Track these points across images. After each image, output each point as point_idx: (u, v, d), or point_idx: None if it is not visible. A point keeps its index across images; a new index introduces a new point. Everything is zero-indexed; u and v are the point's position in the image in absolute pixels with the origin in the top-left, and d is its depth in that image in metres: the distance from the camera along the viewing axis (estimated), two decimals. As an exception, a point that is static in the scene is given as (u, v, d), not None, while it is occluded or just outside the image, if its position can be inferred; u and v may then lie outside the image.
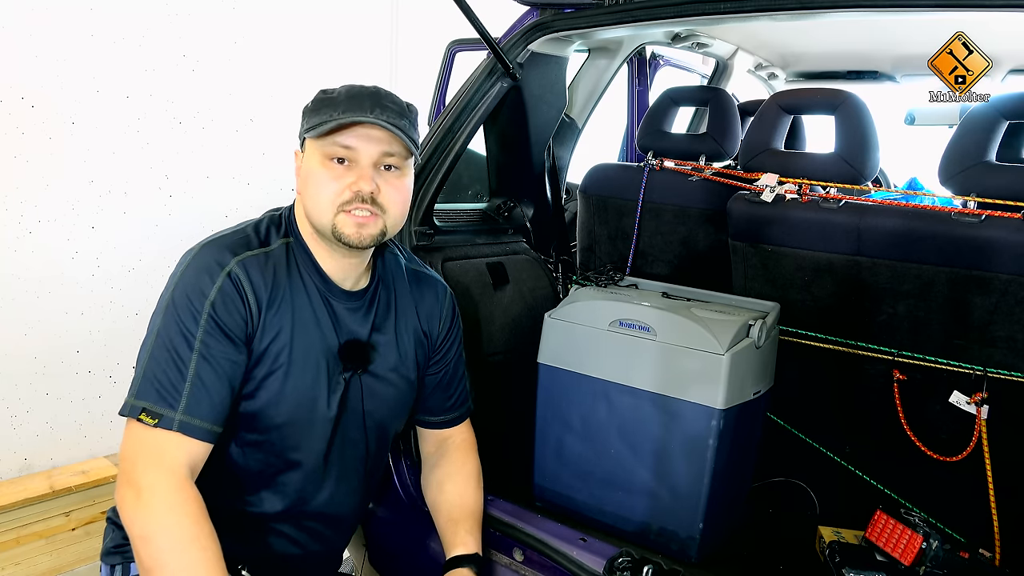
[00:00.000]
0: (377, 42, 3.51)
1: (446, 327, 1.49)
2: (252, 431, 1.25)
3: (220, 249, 1.21)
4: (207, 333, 1.15)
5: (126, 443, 1.14)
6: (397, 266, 1.43)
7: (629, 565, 1.32)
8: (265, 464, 1.28)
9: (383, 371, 1.37)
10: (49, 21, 2.42)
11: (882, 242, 1.67)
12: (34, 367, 2.52)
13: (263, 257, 1.23)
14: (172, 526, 1.08)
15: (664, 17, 1.75)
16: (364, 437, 1.37)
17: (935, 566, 1.50)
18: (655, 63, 3.13)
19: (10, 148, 2.39)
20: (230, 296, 1.17)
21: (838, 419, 1.87)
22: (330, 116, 1.19)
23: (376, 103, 1.20)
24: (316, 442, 1.30)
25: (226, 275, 1.18)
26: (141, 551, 1.08)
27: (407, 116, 1.24)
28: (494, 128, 2.22)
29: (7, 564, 2.36)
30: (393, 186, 1.24)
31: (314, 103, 1.24)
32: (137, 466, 1.12)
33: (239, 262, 1.19)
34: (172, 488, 1.10)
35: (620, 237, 2.24)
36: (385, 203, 1.23)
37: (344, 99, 1.20)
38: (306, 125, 1.24)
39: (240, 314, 1.18)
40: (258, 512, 1.30)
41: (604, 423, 1.66)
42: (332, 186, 1.21)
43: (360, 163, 1.21)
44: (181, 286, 1.17)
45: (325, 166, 1.21)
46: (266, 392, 1.22)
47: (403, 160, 1.25)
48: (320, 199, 1.21)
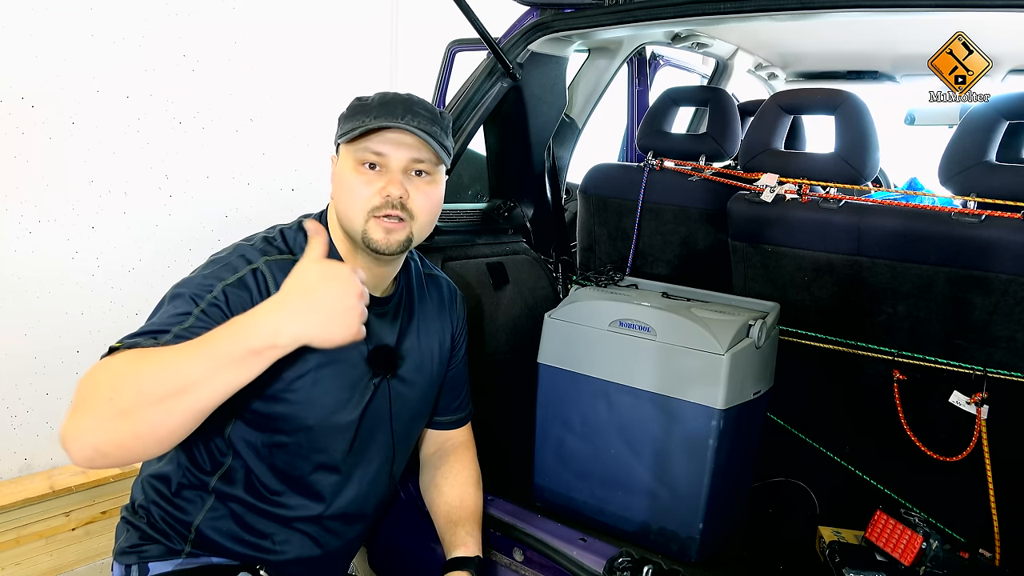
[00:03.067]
0: (377, 42, 3.50)
1: (459, 328, 1.51)
2: (280, 432, 1.25)
3: (249, 250, 1.22)
4: (210, 305, 1.11)
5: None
6: (417, 271, 1.45)
7: (629, 565, 1.32)
8: (291, 465, 1.28)
9: (409, 375, 1.38)
10: (49, 21, 2.42)
11: (882, 242, 1.67)
12: (34, 367, 2.52)
13: (290, 263, 1.22)
14: (116, 357, 0.98)
15: (664, 17, 1.75)
16: (391, 441, 1.38)
17: (935, 566, 1.50)
18: (655, 63, 3.14)
19: (10, 148, 2.39)
20: (250, 285, 1.16)
21: (838, 419, 1.87)
22: (363, 122, 1.20)
23: (408, 109, 1.21)
24: (342, 445, 1.30)
25: (251, 270, 1.18)
26: (82, 383, 0.94)
27: (439, 123, 1.24)
28: (494, 128, 2.22)
29: (7, 564, 2.35)
30: (423, 192, 1.24)
31: (349, 110, 1.25)
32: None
33: (267, 263, 1.20)
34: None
35: (620, 237, 2.24)
36: (414, 208, 1.23)
37: (377, 105, 1.21)
38: (340, 131, 1.25)
39: (254, 305, 1.16)
40: (284, 514, 1.30)
41: (604, 423, 1.66)
42: (363, 191, 1.21)
43: (390, 168, 1.22)
44: (201, 273, 1.18)
45: (357, 171, 1.22)
46: (295, 395, 1.22)
47: (434, 167, 1.26)
48: (352, 204, 1.22)
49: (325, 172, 1.37)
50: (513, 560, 1.49)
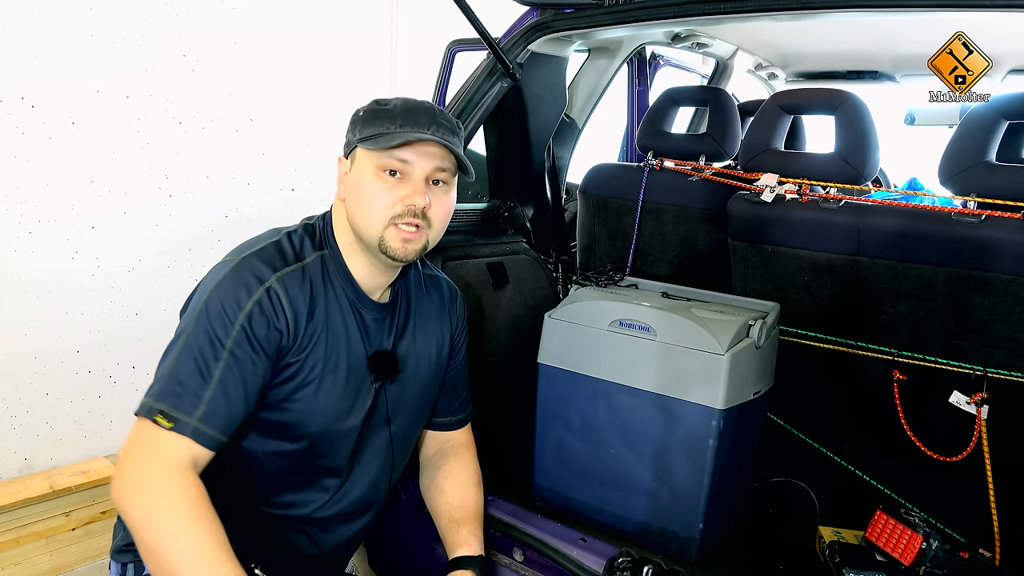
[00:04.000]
0: (377, 42, 3.50)
1: (459, 329, 1.51)
2: (283, 439, 1.25)
3: (260, 264, 1.20)
4: (237, 344, 1.14)
5: (132, 439, 1.12)
6: (416, 273, 1.45)
7: (629, 565, 1.32)
8: (292, 470, 1.28)
9: (409, 379, 1.38)
10: (49, 21, 2.42)
11: (882, 242, 1.67)
12: (34, 367, 2.52)
13: (300, 272, 1.23)
14: (172, 506, 1.06)
15: (664, 17, 1.75)
16: (390, 444, 1.39)
17: (935, 566, 1.50)
18: (655, 63, 3.14)
19: (10, 148, 2.39)
20: (267, 311, 1.16)
21: (838, 419, 1.87)
22: (387, 128, 1.20)
23: (432, 120, 1.22)
24: (343, 450, 1.31)
25: (265, 291, 1.17)
26: (145, 538, 1.06)
27: (458, 133, 1.26)
28: (494, 128, 2.22)
29: (7, 564, 2.36)
30: (441, 201, 1.27)
31: (367, 113, 1.25)
32: (137, 458, 1.10)
33: (279, 279, 1.19)
34: (172, 474, 1.08)
35: (620, 237, 2.24)
36: (432, 217, 1.25)
37: (401, 113, 1.22)
38: (359, 135, 1.24)
39: (275, 330, 1.17)
40: (282, 514, 1.30)
41: (604, 423, 1.66)
42: (385, 198, 1.21)
43: (414, 177, 1.23)
44: (216, 295, 1.16)
45: (378, 177, 1.22)
46: (299, 404, 1.23)
47: (451, 176, 1.28)
48: (371, 210, 1.22)
49: (325, 172, 1.36)
50: (513, 560, 1.49)
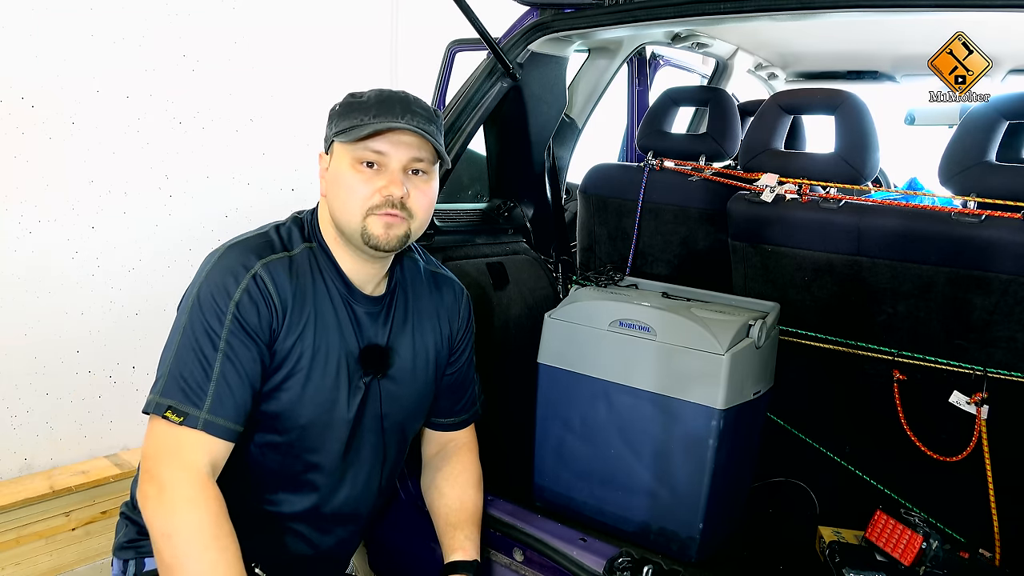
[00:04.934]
0: (377, 42, 3.50)
1: (462, 329, 1.49)
2: (272, 432, 1.25)
3: (245, 252, 1.22)
4: (231, 333, 1.16)
5: (149, 440, 1.15)
6: (416, 270, 1.44)
7: (629, 565, 1.32)
8: (284, 465, 1.28)
9: (402, 375, 1.37)
10: (49, 21, 2.42)
11: (882, 242, 1.67)
12: (34, 367, 2.52)
13: (287, 261, 1.24)
14: (193, 523, 1.09)
15: (664, 17, 1.75)
16: (382, 440, 1.38)
17: (935, 566, 1.50)
18: (655, 63, 3.14)
19: (10, 148, 2.39)
20: (255, 297, 1.18)
21: (838, 419, 1.87)
22: (360, 120, 1.20)
23: (406, 108, 1.21)
24: (334, 444, 1.31)
25: (251, 277, 1.19)
26: (162, 548, 1.09)
27: (435, 121, 1.25)
28: (494, 128, 2.22)
29: (7, 564, 2.35)
30: (421, 191, 1.25)
31: (342, 107, 1.25)
32: (160, 463, 1.13)
33: (264, 265, 1.20)
34: (194, 485, 1.11)
35: (620, 237, 2.24)
36: (413, 207, 1.24)
37: (374, 103, 1.21)
38: (335, 129, 1.24)
39: (265, 315, 1.19)
40: (275, 511, 1.31)
41: (604, 423, 1.65)
42: (362, 190, 1.21)
43: (390, 168, 1.22)
44: (206, 286, 1.18)
45: (355, 169, 1.22)
46: (287, 394, 1.23)
47: (430, 165, 1.27)
48: (349, 203, 1.22)
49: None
50: (513, 560, 1.49)
